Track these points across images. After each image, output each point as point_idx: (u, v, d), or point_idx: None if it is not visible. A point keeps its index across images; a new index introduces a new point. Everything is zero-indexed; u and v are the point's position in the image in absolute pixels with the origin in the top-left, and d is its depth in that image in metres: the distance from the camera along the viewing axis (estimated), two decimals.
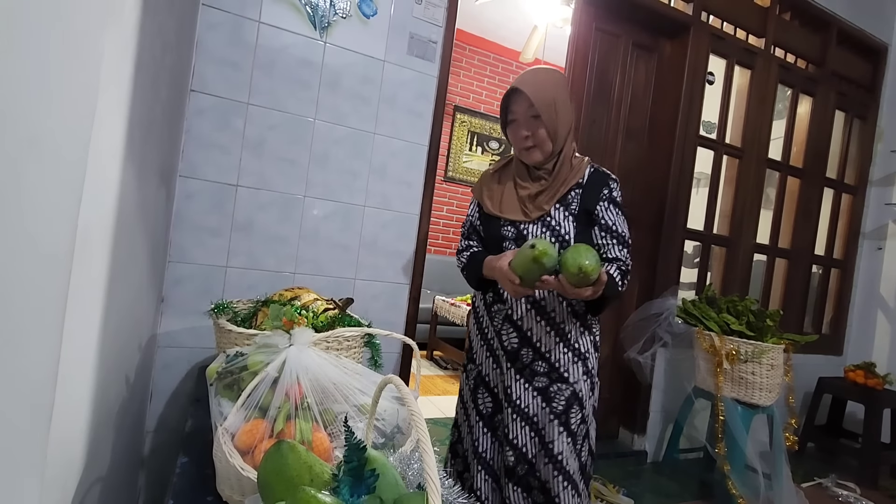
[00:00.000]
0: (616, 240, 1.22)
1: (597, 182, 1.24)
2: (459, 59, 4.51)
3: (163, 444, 1.45)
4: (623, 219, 1.24)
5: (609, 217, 1.23)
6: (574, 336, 1.26)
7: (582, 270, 0.98)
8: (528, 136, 1.21)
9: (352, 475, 0.47)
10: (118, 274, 0.81)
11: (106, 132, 0.66)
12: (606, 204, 1.23)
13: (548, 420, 1.23)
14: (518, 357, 1.26)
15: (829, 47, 2.85)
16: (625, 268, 1.22)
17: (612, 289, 1.15)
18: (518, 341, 1.26)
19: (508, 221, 1.26)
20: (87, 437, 0.74)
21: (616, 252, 1.22)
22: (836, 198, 3.08)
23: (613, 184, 1.25)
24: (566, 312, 1.25)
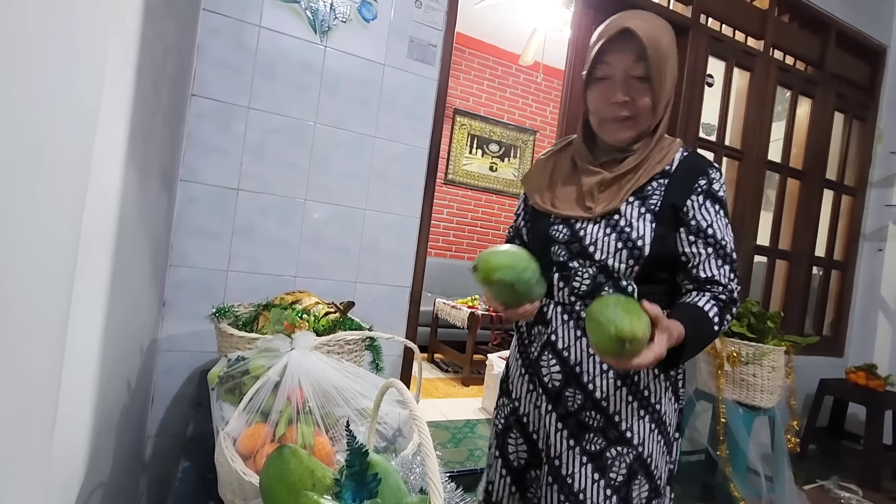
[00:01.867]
0: (713, 250, 0.86)
1: (690, 169, 0.89)
2: (459, 63, 4.52)
3: (164, 448, 1.45)
4: (725, 222, 0.88)
5: (704, 216, 0.87)
6: (644, 378, 0.90)
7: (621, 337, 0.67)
8: (626, 103, 0.87)
9: (354, 479, 0.46)
10: (120, 278, 0.82)
11: (107, 137, 0.66)
12: (702, 199, 0.87)
13: (601, 498, 0.87)
14: (561, 399, 0.92)
15: (827, 49, 2.86)
16: (727, 296, 0.84)
17: (702, 336, 0.81)
18: (562, 378, 0.92)
19: (561, 219, 0.93)
20: (88, 441, 0.74)
21: (711, 269, 0.85)
22: (836, 199, 3.08)
23: (714, 173, 0.89)
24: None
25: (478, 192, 4.75)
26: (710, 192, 0.88)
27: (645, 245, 0.85)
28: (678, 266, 0.90)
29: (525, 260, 0.83)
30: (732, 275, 0.86)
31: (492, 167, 4.80)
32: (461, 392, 3.34)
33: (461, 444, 2.41)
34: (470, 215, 4.74)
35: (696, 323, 0.80)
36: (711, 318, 0.81)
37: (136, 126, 0.81)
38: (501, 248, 0.84)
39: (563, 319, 0.92)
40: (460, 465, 2.16)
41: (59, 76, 0.48)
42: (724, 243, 0.87)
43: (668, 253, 0.88)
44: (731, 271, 0.86)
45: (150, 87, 0.89)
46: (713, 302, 0.83)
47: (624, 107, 0.87)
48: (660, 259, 0.87)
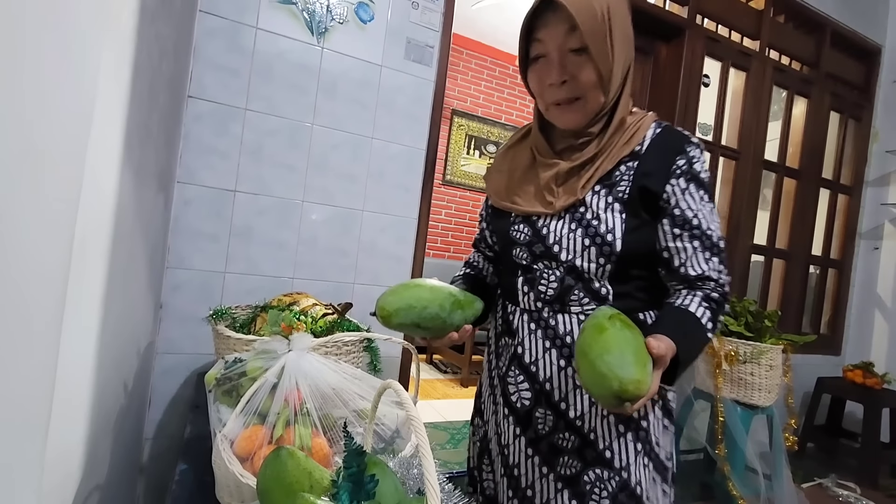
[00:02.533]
0: (700, 242, 0.75)
1: (665, 148, 0.77)
2: (456, 63, 4.53)
3: (161, 451, 1.45)
4: (710, 207, 0.76)
5: (689, 204, 0.75)
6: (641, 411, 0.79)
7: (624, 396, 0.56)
8: (564, 83, 0.74)
9: (351, 481, 0.46)
10: (116, 280, 0.81)
11: (103, 139, 0.66)
12: (683, 183, 0.75)
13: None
14: (531, 421, 0.81)
15: (823, 49, 2.87)
16: (719, 293, 0.75)
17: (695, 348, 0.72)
18: (531, 397, 0.81)
19: (521, 217, 0.83)
20: (85, 444, 0.74)
21: (700, 265, 0.74)
22: (833, 198, 3.09)
23: (694, 150, 0.76)
24: None
25: (476, 192, 4.75)
26: (691, 174, 0.75)
27: (616, 240, 0.74)
28: (658, 261, 0.78)
29: (426, 295, 0.73)
30: (722, 266, 0.76)
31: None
32: (460, 393, 3.34)
33: (460, 444, 2.41)
34: (468, 216, 4.74)
35: (688, 335, 0.70)
36: (704, 325, 0.72)
37: (133, 128, 0.81)
38: (400, 287, 0.75)
39: (529, 329, 0.81)
40: (459, 465, 2.16)
41: (52, 77, 0.48)
42: (710, 233, 0.75)
43: (643, 247, 0.76)
44: (721, 263, 0.76)
45: (146, 88, 0.89)
46: (706, 304, 0.73)
47: (563, 87, 0.75)
48: (635, 255, 0.75)
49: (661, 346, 0.62)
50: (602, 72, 0.73)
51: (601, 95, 0.75)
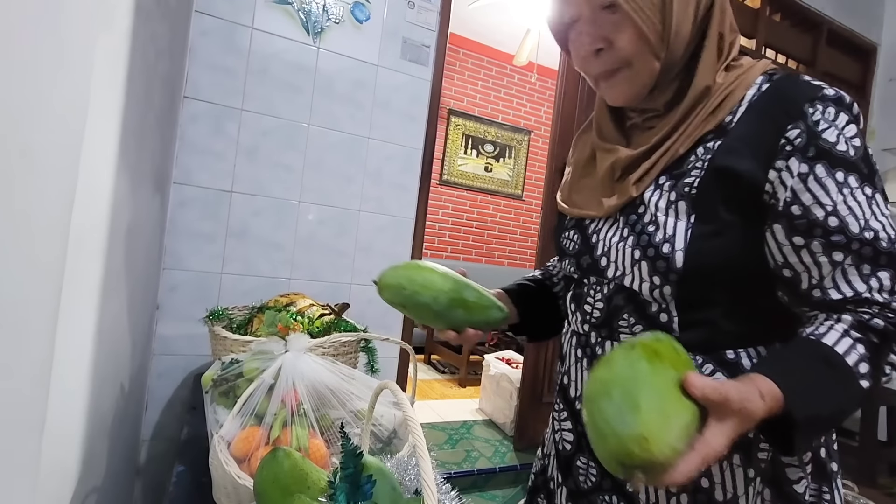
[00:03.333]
0: (846, 254, 0.48)
1: (770, 112, 0.52)
2: (453, 63, 4.53)
3: (159, 452, 1.44)
4: (868, 193, 0.49)
5: (816, 196, 0.49)
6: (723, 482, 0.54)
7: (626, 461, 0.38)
8: (600, 51, 0.57)
9: (348, 482, 0.46)
10: (112, 282, 0.81)
11: (98, 140, 0.66)
12: (803, 164, 0.49)
13: None
14: (571, 471, 0.65)
15: (819, 47, 2.88)
16: (888, 324, 0.46)
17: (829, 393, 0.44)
18: (573, 440, 0.65)
19: (574, 222, 0.67)
20: (81, 446, 0.73)
21: (853, 283, 0.48)
22: None
23: (820, 110, 0.50)
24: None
25: (473, 192, 4.75)
26: (816, 148, 0.49)
27: (675, 252, 0.52)
28: (774, 282, 0.54)
29: (424, 282, 0.65)
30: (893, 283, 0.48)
31: (487, 167, 4.80)
32: (458, 393, 3.33)
33: (458, 445, 2.41)
34: (465, 216, 4.74)
35: (812, 376, 0.44)
36: (849, 364, 0.45)
37: (128, 128, 0.81)
38: (409, 265, 0.69)
39: (576, 356, 0.65)
40: (457, 466, 2.16)
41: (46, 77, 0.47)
42: (866, 237, 0.47)
43: (724, 262, 0.52)
44: (895, 278, 0.48)
45: (141, 88, 0.89)
46: (857, 335, 0.46)
47: (600, 57, 0.57)
48: (709, 272, 0.52)
49: (708, 386, 0.40)
50: (646, 30, 0.53)
51: (653, 60, 0.55)
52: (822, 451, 0.57)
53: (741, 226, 0.52)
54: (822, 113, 0.50)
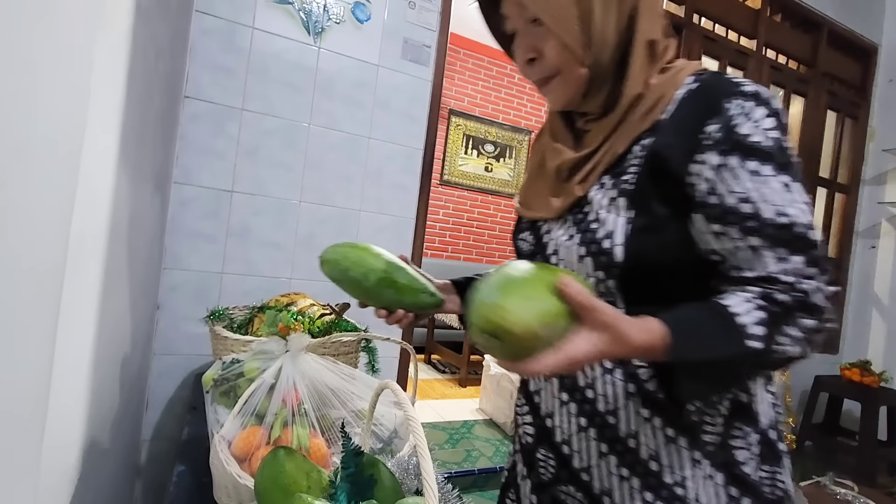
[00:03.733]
0: (762, 238, 0.50)
1: (693, 109, 0.55)
2: (454, 63, 4.53)
3: (159, 452, 1.44)
4: (782, 181, 0.51)
5: (730, 186, 0.51)
6: (647, 440, 0.57)
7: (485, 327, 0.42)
8: (532, 61, 0.61)
9: (349, 481, 0.46)
10: (112, 282, 0.81)
11: (99, 139, 0.66)
12: (718, 157, 0.52)
13: None
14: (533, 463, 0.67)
15: (819, 48, 2.88)
16: (791, 297, 0.48)
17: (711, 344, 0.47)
18: (534, 433, 0.68)
19: (528, 223, 0.69)
20: (82, 446, 0.73)
21: (766, 265, 0.50)
22: (830, 197, 3.10)
23: (738, 105, 0.52)
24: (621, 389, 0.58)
25: (473, 192, 4.75)
26: (731, 141, 0.51)
27: (615, 246, 0.54)
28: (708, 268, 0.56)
29: (357, 259, 0.69)
30: (811, 267, 0.50)
31: (487, 167, 4.80)
32: (458, 393, 3.33)
33: (458, 444, 2.41)
34: (466, 216, 4.74)
35: (701, 333, 0.47)
36: (741, 324, 0.46)
37: (128, 128, 0.81)
38: (349, 244, 0.74)
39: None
40: (458, 465, 2.16)
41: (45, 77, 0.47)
42: (783, 222, 0.49)
43: (660, 254, 0.55)
44: (810, 262, 0.50)
45: (142, 88, 0.89)
46: (759, 303, 0.48)
47: (534, 67, 0.60)
48: (648, 264, 0.55)
49: (581, 291, 0.43)
50: (568, 41, 0.56)
51: (579, 67, 0.58)
52: (772, 432, 0.59)
53: (675, 218, 0.55)
54: (739, 107, 0.52)
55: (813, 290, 0.49)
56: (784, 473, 0.59)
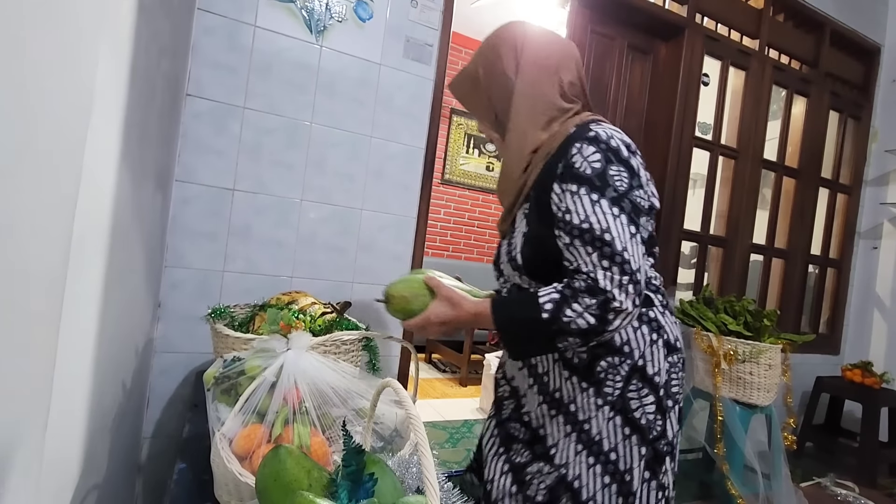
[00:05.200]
0: (581, 242, 0.72)
1: (563, 149, 0.78)
2: (455, 62, 4.52)
3: (160, 449, 1.44)
4: (608, 210, 0.72)
5: (567, 205, 0.74)
6: (566, 390, 0.82)
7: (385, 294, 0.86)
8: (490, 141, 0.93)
9: (350, 479, 0.46)
10: (114, 279, 0.81)
11: (101, 137, 0.66)
12: (560, 186, 0.75)
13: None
14: (501, 406, 0.96)
15: (822, 48, 2.87)
16: (580, 283, 0.70)
17: (516, 316, 0.75)
18: (508, 390, 0.96)
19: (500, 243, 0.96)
20: (83, 443, 0.73)
21: (583, 262, 0.71)
22: (832, 197, 3.09)
23: (577, 149, 0.75)
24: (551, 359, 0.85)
25: (475, 191, 4.75)
26: (570, 173, 0.75)
27: (517, 254, 0.82)
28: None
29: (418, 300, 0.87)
30: (604, 261, 0.70)
31: (488, 167, 4.80)
32: (459, 392, 3.33)
33: (458, 444, 2.41)
34: (467, 215, 4.74)
35: (512, 306, 0.77)
36: (540, 303, 0.71)
37: (131, 126, 0.81)
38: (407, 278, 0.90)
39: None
40: (458, 465, 2.16)
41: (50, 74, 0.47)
42: (585, 227, 0.72)
43: (540, 257, 0.80)
44: (603, 258, 0.69)
45: (144, 86, 0.89)
46: (557, 288, 0.72)
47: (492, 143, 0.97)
48: (535, 265, 0.81)
49: (434, 279, 0.84)
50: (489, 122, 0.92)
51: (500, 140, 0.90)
52: (662, 391, 0.82)
53: (552, 233, 0.78)
54: (577, 148, 0.76)
55: (603, 277, 0.70)
56: (666, 422, 0.83)
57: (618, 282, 0.69)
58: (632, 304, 0.70)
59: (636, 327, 0.82)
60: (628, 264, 0.70)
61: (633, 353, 0.81)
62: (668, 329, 0.85)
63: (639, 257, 0.72)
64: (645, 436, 0.80)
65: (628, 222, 0.72)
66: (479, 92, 0.89)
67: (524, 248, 0.81)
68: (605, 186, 0.73)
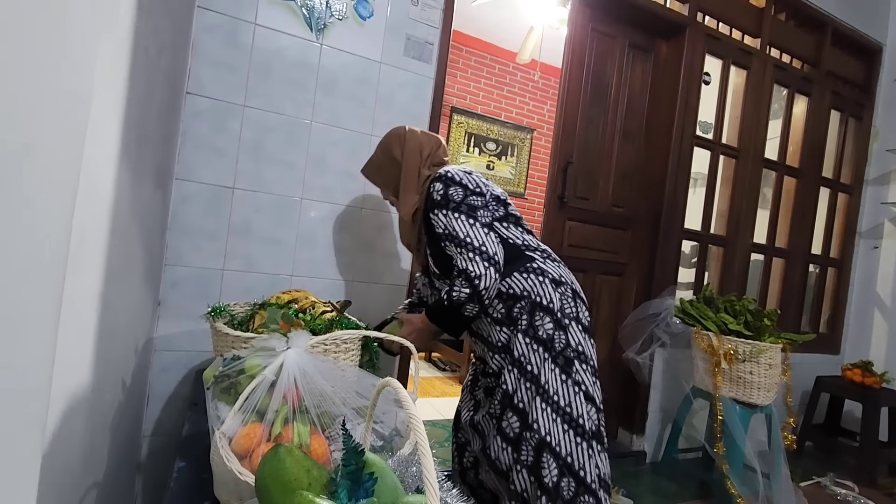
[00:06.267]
0: (448, 241, 1.13)
1: (429, 189, 1.20)
2: (456, 61, 4.51)
3: (160, 448, 1.45)
4: (454, 215, 1.12)
5: (438, 223, 1.15)
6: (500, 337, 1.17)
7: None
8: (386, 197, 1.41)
9: (350, 479, 0.46)
10: (114, 278, 0.81)
11: (100, 135, 0.66)
12: (433, 212, 1.16)
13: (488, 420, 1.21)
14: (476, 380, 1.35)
15: (824, 47, 2.86)
16: (455, 271, 1.11)
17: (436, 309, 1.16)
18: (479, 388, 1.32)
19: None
20: (83, 441, 0.73)
21: (462, 262, 1.10)
22: (833, 197, 3.09)
23: (434, 185, 1.18)
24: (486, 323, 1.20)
25: None
26: (434, 203, 1.17)
27: (433, 269, 1.27)
28: None
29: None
30: (459, 249, 1.10)
31: (489, 165, 4.79)
32: (459, 391, 3.33)
33: None
34: None
35: (433, 305, 1.16)
36: (442, 297, 1.12)
37: (131, 124, 0.81)
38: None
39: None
40: None
41: (48, 72, 0.47)
42: (453, 235, 1.12)
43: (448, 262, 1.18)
44: (458, 247, 1.11)
45: (143, 84, 0.88)
46: (451, 282, 1.12)
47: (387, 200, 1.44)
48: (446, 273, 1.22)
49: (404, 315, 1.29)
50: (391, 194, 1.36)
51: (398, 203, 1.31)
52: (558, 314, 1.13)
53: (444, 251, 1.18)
54: (433, 186, 1.19)
55: (461, 261, 1.10)
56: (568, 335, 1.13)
57: (469, 258, 1.08)
58: (483, 267, 1.07)
59: (526, 277, 1.14)
60: (471, 244, 1.09)
61: (529, 295, 1.13)
62: (552, 270, 1.16)
63: (481, 236, 1.10)
64: (549, 347, 1.11)
65: (467, 218, 1.12)
66: (381, 171, 1.33)
67: (436, 261, 1.22)
68: (452, 205, 1.14)
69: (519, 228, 1.24)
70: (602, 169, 2.38)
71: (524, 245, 1.21)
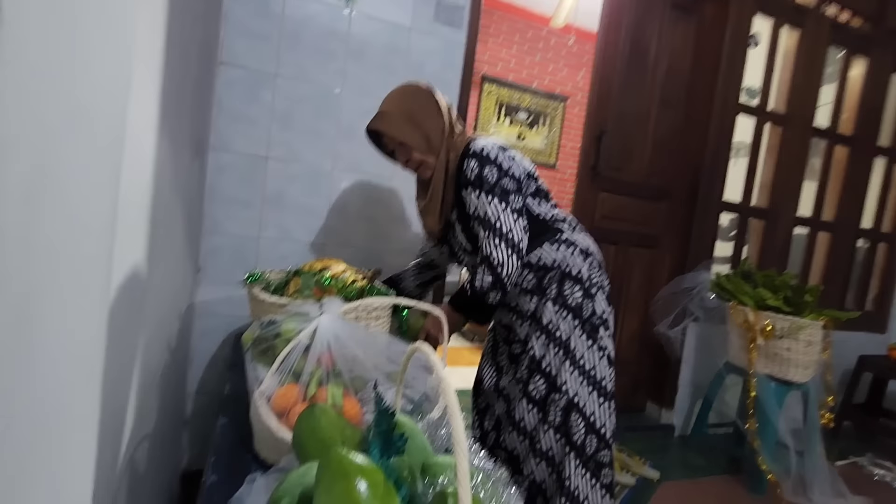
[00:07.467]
0: (483, 228, 1.12)
1: (462, 163, 1.16)
2: (487, 26, 4.38)
3: (203, 405, 1.53)
4: (488, 198, 1.11)
5: (471, 203, 1.14)
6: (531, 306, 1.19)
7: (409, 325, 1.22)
8: (407, 162, 1.24)
9: (381, 438, 0.48)
10: (157, 245, 0.84)
11: (140, 106, 0.67)
12: (466, 189, 1.14)
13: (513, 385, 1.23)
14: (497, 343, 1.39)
15: (887, 2, 2.63)
16: (488, 265, 1.10)
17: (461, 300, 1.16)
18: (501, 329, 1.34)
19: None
20: (134, 397, 0.79)
21: (486, 248, 1.10)
22: (888, 168, 2.89)
23: (469, 161, 1.13)
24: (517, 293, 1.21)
25: None
26: (468, 180, 1.14)
27: (463, 250, 1.27)
28: None
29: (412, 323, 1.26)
30: (487, 233, 1.11)
31: (520, 136, 4.69)
32: None
33: None
34: None
35: (457, 296, 1.17)
36: (465, 287, 1.15)
37: (168, 95, 0.82)
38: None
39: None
40: None
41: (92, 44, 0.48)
42: (485, 219, 1.11)
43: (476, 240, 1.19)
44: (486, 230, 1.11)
45: (179, 55, 0.90)
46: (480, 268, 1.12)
47: (407, 165, 1.26)
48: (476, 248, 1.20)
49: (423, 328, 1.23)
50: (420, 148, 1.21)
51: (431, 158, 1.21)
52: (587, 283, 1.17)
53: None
54: (468, 162, 1.15)
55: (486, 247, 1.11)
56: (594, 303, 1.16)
57: (495, 245, 1.10)
58: (507, 255, 1.09)
59: (557, 247, 1.17)
60: (500, 230, 1.10)
61: (560, 265, 1.17)
62: (580, 241, 1.20)
63: (510, 221, 1.10)
64: (578, 314, 1.14)
65: (500, 202, 1.11)
66: (416, 128, 1.19)
67: (463, 235, 1.22)
68: (489, 186, 1.12)
69: (548, 203, 1.25)
70: (638, 138, 2.29)
71: (552, 219, 1.23)
